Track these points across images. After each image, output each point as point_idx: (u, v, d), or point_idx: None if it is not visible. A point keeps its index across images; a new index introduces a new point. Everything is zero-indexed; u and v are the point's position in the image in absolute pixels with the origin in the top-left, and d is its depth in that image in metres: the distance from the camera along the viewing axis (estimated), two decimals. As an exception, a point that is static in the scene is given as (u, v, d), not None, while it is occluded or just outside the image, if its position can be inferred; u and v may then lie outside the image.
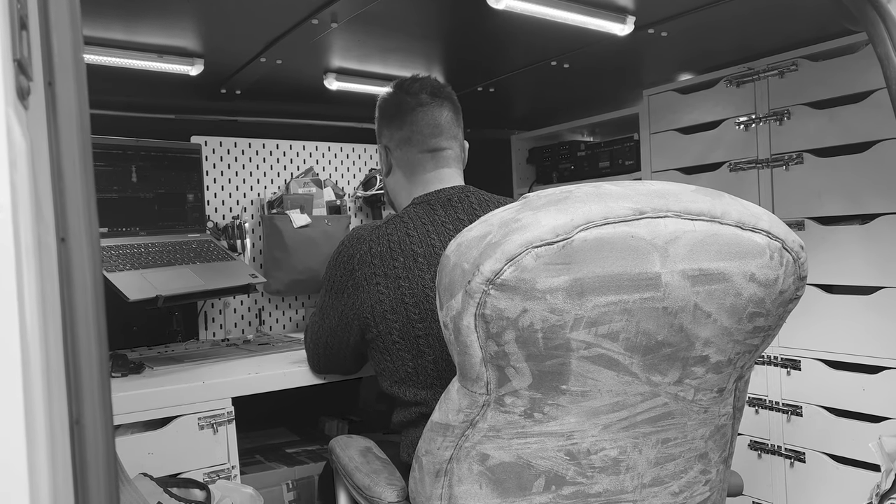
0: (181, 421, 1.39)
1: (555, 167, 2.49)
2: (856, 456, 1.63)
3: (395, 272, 1.24)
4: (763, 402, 1.82)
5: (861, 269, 1.63)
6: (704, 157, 1.94)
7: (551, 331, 0.88)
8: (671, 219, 0.89)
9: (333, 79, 1.92)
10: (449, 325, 0.91)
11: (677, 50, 1.79)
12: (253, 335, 2.09)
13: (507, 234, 0.86)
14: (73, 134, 0.48)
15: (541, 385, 0.92)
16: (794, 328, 1.75)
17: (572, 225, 0.85)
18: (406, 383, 1.26)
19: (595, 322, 0.88)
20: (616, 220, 0.87)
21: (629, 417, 0.98)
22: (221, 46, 1.66)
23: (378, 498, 1.17)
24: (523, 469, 0.97)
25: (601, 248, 0.86)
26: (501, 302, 0.85)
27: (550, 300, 0.85)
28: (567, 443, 0.97)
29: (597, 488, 1.00)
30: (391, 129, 1.39)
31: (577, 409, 0.95)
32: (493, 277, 0.85)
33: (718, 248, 0.90)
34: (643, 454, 1.02)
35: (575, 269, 0.85)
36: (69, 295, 0.46)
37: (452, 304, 0.88)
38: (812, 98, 1.70)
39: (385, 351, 1.26)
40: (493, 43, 1.75)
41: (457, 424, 0.97)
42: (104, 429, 0.47)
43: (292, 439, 2.05)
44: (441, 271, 0.93)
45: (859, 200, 1.63)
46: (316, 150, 2.29)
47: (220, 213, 2.11)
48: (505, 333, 0.87)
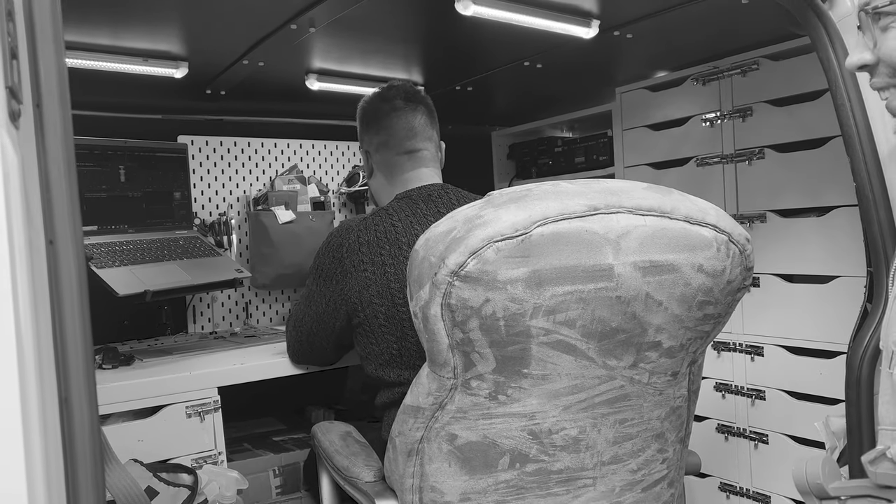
0: (169, 410, 1.45)
1: (534, 162, 2.56)
2: (814, 437, 1.71)
3: (381, 259, 1.32)
4: (729, 386, 1.90)
5: (818, 259, 1.71)
6: (673, 152, 2.01)
7: (512, 319, 0.95)
8: (623, 214, 0.96)
9: (315, 79, 1.98)
10: (418, 314, 0.98)
11: (643, 50, 1.86)
12: (240, 328, 2.16)
13: (471, 230, 0.93)
14: (59, 149, 0.54)
15: (504, 369, 0.99)
16: (757, 316, 1.83)
17: (530, 220, 0.92)
18: (390, 365, 1.34)
19: (553, 310, 0.95)
20: (571, 215, 0.94)
21: (587, 399, 1.05)
22: (205, 50, 1.72)
23: (356, 478, 1.24)
24: (489, 448, 1.04)
25: (557, 241, 0.93)
26: (465, 292, 0.92)
27: (511, 290, 0.92)
28: (530, 423, 1.04)
29: (559, 465, 1.08)
30: (370, 134, 1.49)
31: (538, 391, 1.02)
32: (458, 269, 0.92)
33: (668, 242, 0.98)
34: (602, 433, 1.08)
35: (533, 261, 0.92)
36: (57, 290, 0.53)
37: (421, 294, 0.96)
38: (773, 96, 1.78)
39: (371, 334, 1.34)
40: (468, 45, 1.81)
41: (427, 407, 1.04)
42: (89, 406, 0.53)
43: (279, 428, 2.12)
44: (411, 264, 1.00)
45: (817, 193, 1.71)
46: (300, 147, 2.36)
47: (207, 211, 2.18)
48: (469, 321, 0.94)
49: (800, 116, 1.72)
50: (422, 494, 1.07)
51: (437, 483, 1.06)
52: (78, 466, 0.55)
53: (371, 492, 1.18)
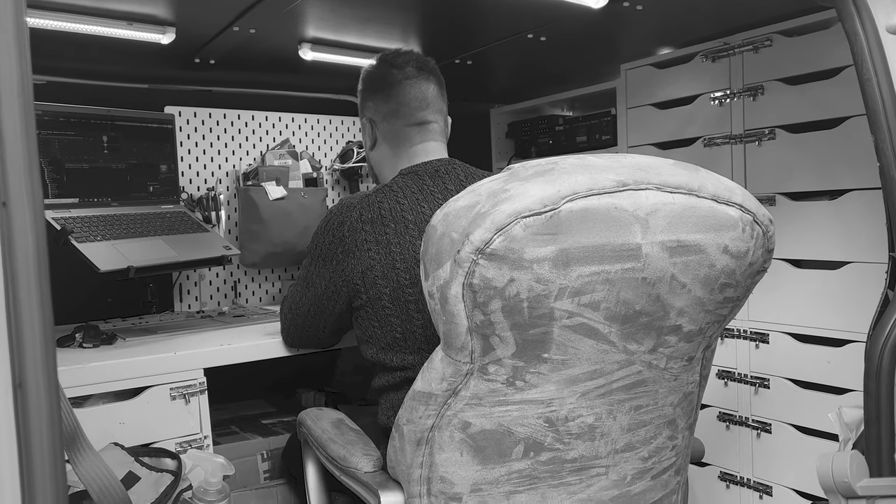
0: (153, 391, 1.39)
1: (533, 141, 2.49)
2: (819, 427, 1.67)
3: (385, 238, 1.25)
4: (732, 374, 1.86)
5: (829, 244, 1.65)
6: (679, 132, 1.95)
7: (536, 300, 0.89)
8: (652, 191, 0.91)
9: (308, 49, 1.90)
10: (435, 295, 0.92)
11: (653, 24, 1.78)
12: (228, 307, 2.09)
13: (496, 205, 0.87)
14: (14, 98, 0.47)
15: (524, 353, 0.94)
16: (763, 302, 1.78)
17: (559, 196, 0.87)
18: (393, 349, 1.27)
19: (578, 292, 0.90)
20: (601, 191, 0.88)
21: (605, 385, 1.01)
22: (193, 14, 1.63)
23: (354, 468, 1.17)
24: (503, 436, 0.98)
25: (586, 218, 0.87)
26: (490, 271, 0.86)
27: (537, 270, 0.87)
28: (546, 410, 0.99)
29: (573, 454, 1.03)
30: (376, 101, 1.40)
31: (556, 376, 0.97)
32: (483, 247, 0.86)
33: (696, 221, 0.93)
34: (617, 420, 1.04)
35: (561, 239, 0.87)
36: (10, 259, 0.46)
37: (440, 273, 0.89)
38: (785, 74, 1.71)
39: (374, 317, 1.27)
40: (470, 14, 1.73)
41: (439, 393, 0.98)
42: (47, 392, 0.47)
43: (268, 410, 2.06)
44: (427, 241, 0.93)
45: (829, 176, 1.65)
46: (292, 121, 2.27)
47: (195, 185, 2.10)
48: (491, 303, 0.89)
49: (814, 95, 1.66)
50: (430, 485, 1.01)
51: (446, 473, 1.00)
52: (34, 460, 0.48)
53: (373, 483, 1.12)
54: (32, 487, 0.48)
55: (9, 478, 0.48)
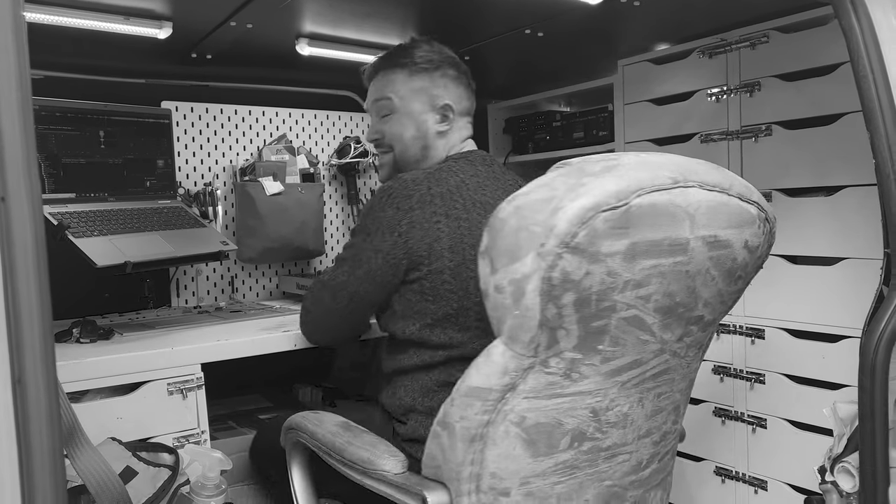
0: (150, 386, 1.39)
1: (531, 137, 2.49)
2: (814, 422, 1.68)
3: (455, 213, 1.29)
4: (728, 369, 1.86)
5: (825, 241, 1.66)
6: (676, 128, 1.95)
7: (604, 293, 0.92)
8: (696, 189, 0.96)
9: (306, 44, 1.90)
10: (506, 289, 0.92)
11: (651, 19, 1.78)
12: (225, 303, 2.09)
13: (575, 199, 0.89)
14: (12, 94, 0.47)
15: (583, 346, 0.96)
16: (759, 298, 1.78)
17: (630, 190, 0.90)
18: (441, 324, 1.29)
19: (638, 284, 0.94)
20: (660, 187, 0.93)
21: (640, 374, 1.05)
22: (189, 9, 1.63)
23: (382, 470, 1.13)
24: (554, 428, 1.00)
25: (651, 213, 0.91)
26: (571, 264, 0.88)
27: (609, 263, 0.90)
28: (593, 401, 1.02)
29: (608, 442, 1.06)
30: (459, 92, 1.49)
31: (605, 367, 1.00)
32: (569, 240, 0.87)
33: (727, 217, 0.99)
34: (644, 408, 1.09)
35: (632, 233, 0.90)
36: (9, 254, 0.46)
37: (516, 267, 0.90)
38: (782, 70, 1.71)
39: (429, 291, 1.28)
40: (467, 10, 1.73)
41: (498, 388, 0.97)
42: (46, 388, 0.47)
43: (265, 406, 2.06)
44: (495, 235, 0.93)
45: (825, 172, 1.65)
46: (289, 116, 2.27)
47: (192, 180, 2.09)
48: (565, 296, 0.90)
49: (810, 92, 1.66)
50: (479, 482, 1.00)
51: (498, 469, 1.00)
52: (33, 454, 0.48)
53: (410, 485, 1.08)
54: (32, 481, 0.48)
55: (8, 472, 0.48)
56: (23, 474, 0.48)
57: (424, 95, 1.46)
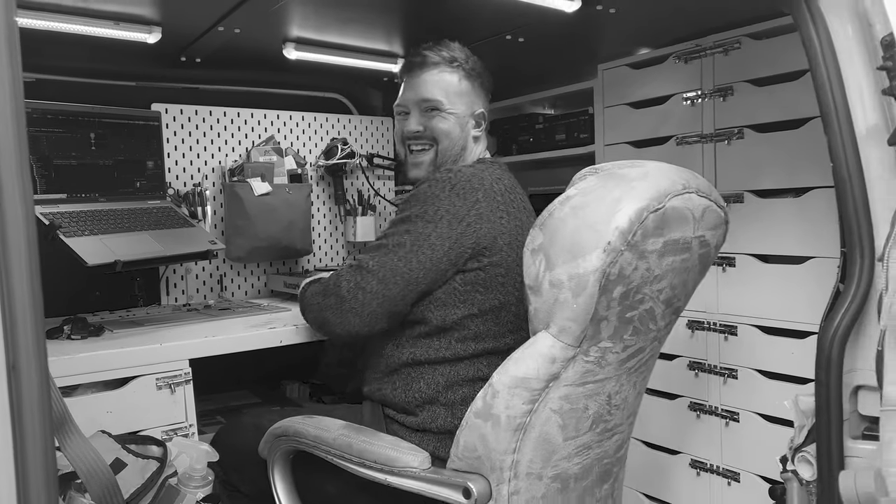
0: (139, 381, 1.44)
1: (514, 139, 2.54)
2: (784, 415, 1.73)
3: (514, 212, 1.37)
4: (702, 365, 1.92)
5: (793, 240, 1.71)
6: (654, 131, 2.00)
7: (640, 286, 1.03)
8: (694, 194, 1.07)
9: (293, 48, 1.94)
10: (564, 285, 0.99)
11: (627, 26, 1.83)
12: (214, 301, 2.13)
13: (631, 202, 0.99)
14: (5, 97, 0.52)
15: (615, 335, 1.06)
16: (731, 296, 1.84)
17: (664, 194, 1.02)
18: (483, 316, 1.35)
19: (661, 278, 1.06)
20: (679, 192, 1.04)
21: (640, 360, 1.15)
22: (178, 15, 1.67)
23: (410, 467, 1.15)
24: (582, 413, 1.10)
25: (675, 216, 1.03)
26: (627, 260, 0.99)
27: (650, 259, 1.02)
28: (609, 386, 1.12)
29: (612, 423, 1.17)
30: (487, 102, 1.60)
31: (623, 355, 1.10)
32: (631, 238, 0.98)
33: (711, 220, 1.12)
34: (635, 390, 1.20)
35: (666, 232, 1.02)
36: (4, 250, 0.51)
37: (580, 262, 0.98)
38: (753, 75, 1.77)
39: (482, 282, 1.34)
40: (449, 16, 1.78)
41: (545, 377, 1.04)
42: (38, 374, 0.52)
43: (253, 401, 2.11)
44: (554, 233, 1.01)
45: (794, 174, 1.71)
46: (277, 118, 2.32)
47: (182, 181, 2.14)
48: (616, 289, 1.00)
49: (780, 96, 1.72)
50: (517, 469, 1.06)
51: (535, 454, 1.07)
52: (27, 437, 0.53)
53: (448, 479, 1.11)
54: (25, 462, 0.53)
55: (3, 453, 0.52)
56: (16, 454, 0.53)
57: (468, 100, 1.54)
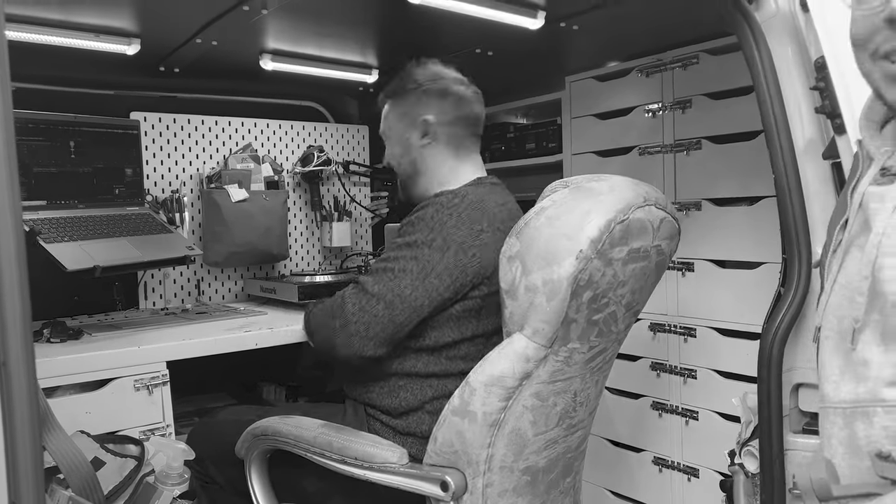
0: (118, 383, 1.48)
1: (487, 147, 2.61)
2: (739, 413, 1.82)
3: None
4: (664, 366, 2.00)
5: (747, 247, 1.80)
6: (618, 141, 2.09)
7: (606, 291, 1.12)
8: (654, 206, 1.17)
9: (269, 60, 2.00)
10: (538, 289, 1.08)
11: (590, 41, 1.92)
12: (191, 305, 2.18)
13: (600, 214, 1.09)
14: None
15: (582, 336, 1.15)
16: (691, 300, 1.93)
17: (627, 207, 1.11)
18: (476, 340, 1.38)
19: (624, 284, 1.14)
20: (641, 205, 1.14)
21: (602, 360, 1.24)
22: (157, 27, 1.73)
23: (391, 463, 1.21)
24: (550, 409, 1.18)
25: (638, 226, 1.12)
26: (596, 267, 1.08)
27: (615, 266, 1.11)
28: (576, 384, 1.20)
29: (576, 419, 1.25)
30: (446, 104, 1.52)
31: (589, 354, 1.19)
32: (600, 246, 1.07)
33: (666, 231, 1.21)
34: (597, 388, 1.29)
35: (629, 241, 1.11)
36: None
37: (553, 269, 1.07)
38: (710, 89, 1.86)
39: (478, 309, 1.36)
40: (421, 31, 1.85)
41: (519, 375, 1.13)
42: (26, 370, 0.57)
43: (231, 403, 2.15)
44: (530, 241, 1.11)
45: (748, 184, 1.80)
46: (254, 126, 2.37)
47: (160, 188, 2.18)
48: (585, 293, 1.09)
49: (734, 110, 1.81)
50: (491, 463, 1.15)
51: (508, 449, 1.15)
52: (16, 429, 0.59)
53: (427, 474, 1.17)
54: (15, 454, 0.59)
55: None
56: (7, 448, 0.59)
57: (419, 116, 1.51)
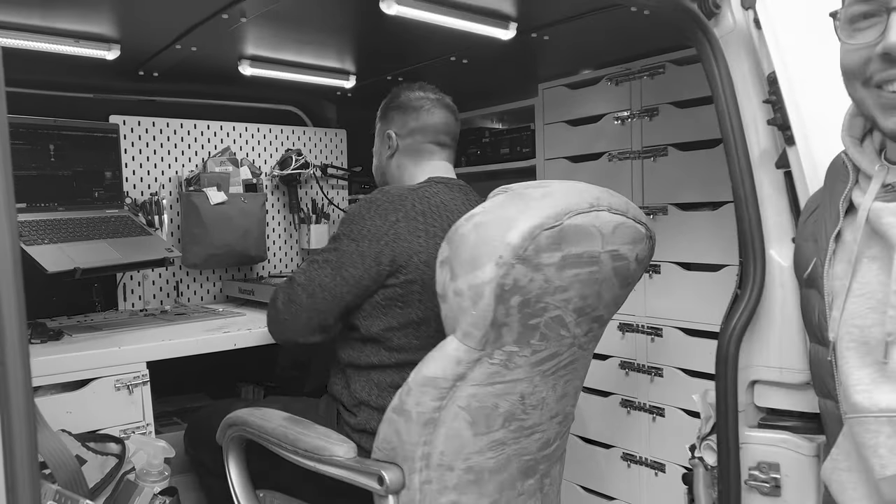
0: (98, 383, 1.51)
1: (463, 152, 2.66)
2: (699, 409, 1.89)
3: (434, 230, 1.44)
4: (632, 365, 2.07)
5: (711, 250, 1.88)
6: (588, 147, 2.15)
7: (540, 296, 1.13)
8: (606, 212, 1.18)
9: (248, 65, 2.03)
10: (465, 293, 1.10)
11: (561, 51, 1.98)
12: (170, 306, 2.20)
13: (526, 220, 1.10)
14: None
15: (520, 340, 1.16)
16: (658, 301, 2.00)
17: (563, 213, 1.12)
18: (403, 329, 1.45)
19: (565, 289, 1.15)
20: (584, 210, 1.15)
21: (556, 364, 1.25)
22: (137, 33, 1.75)
23: (336, 456, 1.26)
24: (492, 410, 1.19)
25: (576, 232, 1.13)
26: (520, 272, 1.09)
27: (546, 271, 1.11)
28: (522, 387, 1.22)
29: (529, 422, 1.27)
30: (406, 117, 1.65)
31: (533, 359, 1.20)
32: (521, 253, 1.08)
33: (626, 236, 1.22)
34: (556, 392, 1.30)
35: (564, 247, 1.12)
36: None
37: (477, 274, 1.09)
38: (676, 98, 1.93)
39: (400, 297, 1.44)
40: (397, 39, 1.89)
41: (452, 377, 1.15)
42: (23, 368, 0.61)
43: (209, 403, 2.18)
44: (458, 247, 1.12)
45: (711, 190, 1.87)
46: (233, 130, 2.40)
47: (139, 190, 2.21)
48: (513, 298, 1.10)
49: (699, 118, 1.88)
50: (429, 460, 1.17)
51: (446, 448, 1.17)
52: (13, 423, 0.63)
53: (366, 468, 1.21)
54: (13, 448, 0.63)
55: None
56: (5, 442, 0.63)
57: (385, 129, 1.68)
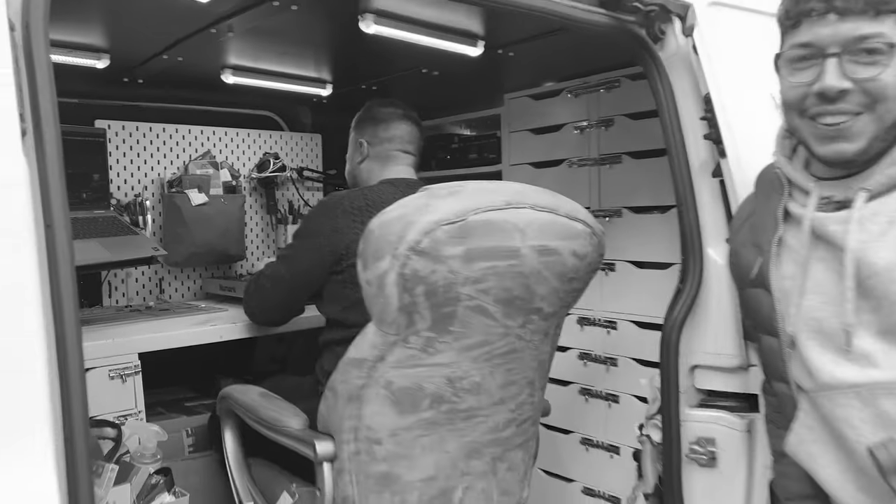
0: (94, 373, 1.61)
1: (433, 156, 2.80)
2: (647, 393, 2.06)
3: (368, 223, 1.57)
4: (590, 355, 2.23)
5: (661, 249, 2.04)
6: (550, 154, 2.31)
7: (448, 286, 1.22)
8: (528, 209, 1.27)
9: (230, 74, 2.15)
10: (373, 282, 1.22)
11: (524, 66, 2.14)
12: (154, 302, 2.30)
13: (423, 215, 1.20)
14: (55, 157, 0.75)
15: (435, 327, 1.26)
16: (613, 296, 2.16)
17: (466, 210, 1.21)
18: (354, 308, 1.56)
19: (477, 280, 1.24)
20: (494, 207, 1.24)
21: (489, 352, 1.35)
22: (127, 44, 1.86)
23: (287, 427, 1.44)
24: (416, 391, 1.30)
25: (485, 227, 1.22)
26: (418, 264, 1.18)
27: (450, 263, 1.20)
28: (448, 371, 1.32)
29: (464, 405, 1.37)
30: (377, 129, 1.85)
31: (457, 345, 1.30)
32: (415, 245, 1.17)
33: (556, 232, 1.30)
34: (495, 379, 1.39)
35: (468, 241, 1.21)
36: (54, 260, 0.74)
37: (379, 265, 1.20)
38: (630, 110, 2.09)
39: (348, 280, 1.59)
40: (372, 53, 2.02)
41: (371, 359, 1.28)
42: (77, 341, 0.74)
43: (191, 395, 2.29)
44: (366, 241, 1.24)
45: (661, 195, 2.03)
46: (213, 134, 2.51)
47: (123, 192, 2.30)
48: (417, 287, 1.20)
49: (650, 129, 2.04)
50: (357, 433, 1.30)
51: (372, 423, 1.30)
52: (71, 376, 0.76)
53: (306, 437, 1.38)
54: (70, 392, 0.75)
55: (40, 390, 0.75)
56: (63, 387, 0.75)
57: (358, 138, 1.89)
